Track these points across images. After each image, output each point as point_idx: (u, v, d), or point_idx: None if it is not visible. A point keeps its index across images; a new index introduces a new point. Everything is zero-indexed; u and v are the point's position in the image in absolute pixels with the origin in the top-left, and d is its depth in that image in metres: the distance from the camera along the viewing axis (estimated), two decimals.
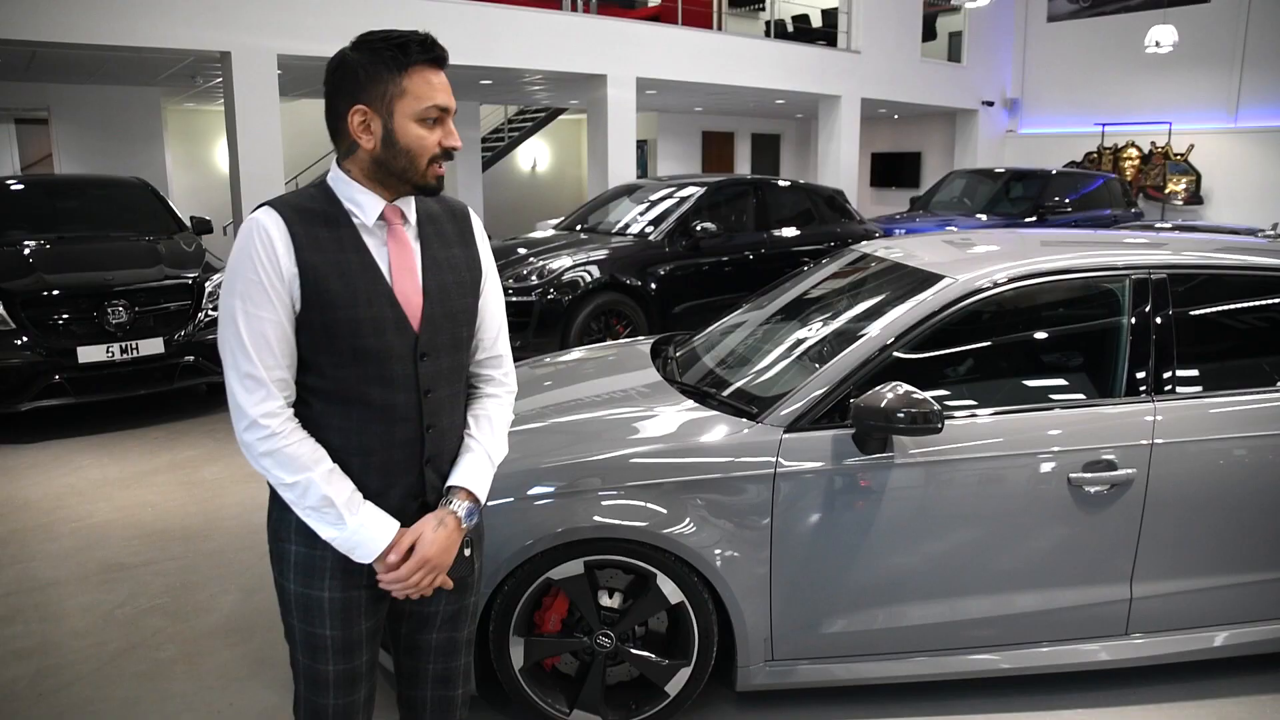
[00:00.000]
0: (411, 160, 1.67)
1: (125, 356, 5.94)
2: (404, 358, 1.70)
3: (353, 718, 1.82)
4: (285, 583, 1.76)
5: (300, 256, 1.63)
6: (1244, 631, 2.99)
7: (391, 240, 1.72)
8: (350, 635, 1.76)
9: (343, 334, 1.65)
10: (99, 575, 3.97)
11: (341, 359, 1.66)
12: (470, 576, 1.86)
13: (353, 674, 1.79)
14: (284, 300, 1.62)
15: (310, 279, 1.63)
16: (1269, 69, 13.88)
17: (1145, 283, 2.97)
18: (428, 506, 1.76)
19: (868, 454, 2.69)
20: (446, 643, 1.89)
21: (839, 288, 3.56)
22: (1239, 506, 2.89)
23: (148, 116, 12.18)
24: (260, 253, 1.61)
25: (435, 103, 1.66)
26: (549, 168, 19.66)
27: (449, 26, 9.08)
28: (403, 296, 1.70)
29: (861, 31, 13.66)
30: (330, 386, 1.67)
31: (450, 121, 1.70)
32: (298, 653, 1.79)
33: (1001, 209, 11.68)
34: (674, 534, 2.64)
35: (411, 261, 1.72)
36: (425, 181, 1.70)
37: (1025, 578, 2.85)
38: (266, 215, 1.65)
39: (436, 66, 1.67)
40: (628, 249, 7.69)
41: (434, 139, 1.67)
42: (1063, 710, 2.95)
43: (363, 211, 1.69)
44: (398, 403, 1.70)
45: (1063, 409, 2.89)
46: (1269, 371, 3.05)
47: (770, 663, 2.81)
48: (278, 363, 1.63)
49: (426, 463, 1.75)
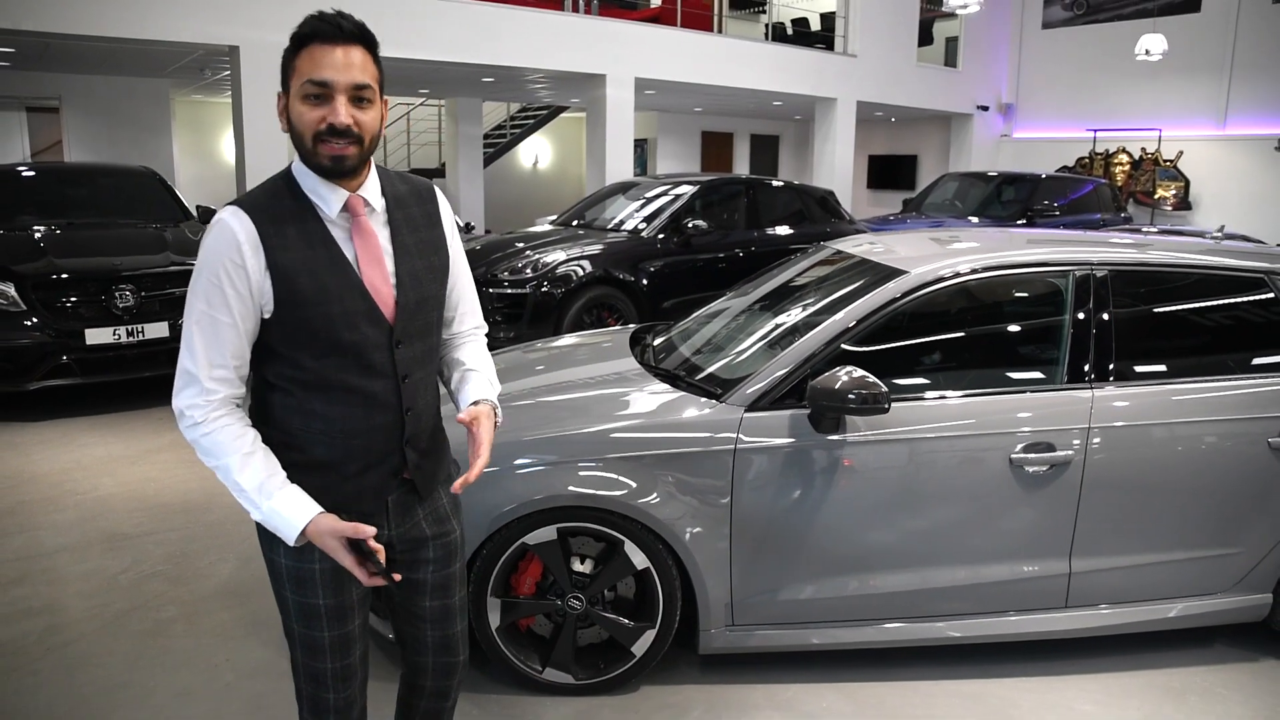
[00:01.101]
0: (301, 141, 1.66)
1: (131, 339, 6.16)
2: (381, 346, 1.74)
3: (350, 680, 1.90)
4: (275, 557, 1.81)
5: (270, 258, 1.65)
6: (1176, 605, 3.19)
7: (356, 232, 1.73)
8: (343, 602, 1.83)
9: (319, 329, 1.68)
10: (103, 543, 4.18)
11: (320, 351, 1.70)
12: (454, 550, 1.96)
13: (347, 638, 1.86)
14: (246, 304, 1.66)
15: (281, 279, 1.66)
16: (1256, 78, 14.09)
17: (1088, 278, 3.18)
18: (408, 483, 1.85)
19: (822, 433, 2.90)
20: (441, 610, 1.98)
21: (809, 281, 3.76)
22: (1171, 488, 3.10)
23: (156, 107, 12.39)
24: (225, 257, 1.64)
25: (310, 77, 1.61)
26: (550, 165, 19.87)
27: (451, 24, 9.28)
28: (372, 287, 1.72)
29: (858, 35, 13.86)
30: (311, 377, 1.72)
31: (339, 98, 1.63)
32: (293, 622, 1.85)
33: (992, 212, 11.88)
34: (642, 504, 2.85)
35: (378, 251, 1.75)
36: (317, 161, 1.66)
37: (969, 552, 3.06)
38: (234, 217, 1.66)
39: (330, 42, 1.63)
40: (621, 244, 7.90)
41: (315, 116, 1.63)
42: (1005, 678, 3.16)
43: (326, 205, 1.71)
44: (377, 389, 1.75)
45: (1006, 394, 3.09)
46: (1201, 362, 3.25)
47: (731, 628, 3.02)
48: (224, 361, 1.67)
49: (406, 443, 1.82)
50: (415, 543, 1.92)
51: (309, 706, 1.93)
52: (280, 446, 1.75)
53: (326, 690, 1.89)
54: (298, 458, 1.76)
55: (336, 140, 1.64)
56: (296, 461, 1.75)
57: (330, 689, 1.89)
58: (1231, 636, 3.41)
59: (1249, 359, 3.27)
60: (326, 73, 1.62)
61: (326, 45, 1.63)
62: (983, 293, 3.34)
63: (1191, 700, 3.06)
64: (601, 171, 11.27)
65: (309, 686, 1.91)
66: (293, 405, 1.75)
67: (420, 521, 1.91)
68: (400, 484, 1.85)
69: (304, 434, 1.76)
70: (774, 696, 3.03)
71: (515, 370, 3.63)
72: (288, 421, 1.76)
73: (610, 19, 11.44)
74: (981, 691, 3.08)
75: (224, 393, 1.69)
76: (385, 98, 1.76)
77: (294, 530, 1.66)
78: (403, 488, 1.86)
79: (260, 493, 1.67)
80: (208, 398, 1.67)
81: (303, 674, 1.90)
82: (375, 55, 1.71)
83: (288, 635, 1.89)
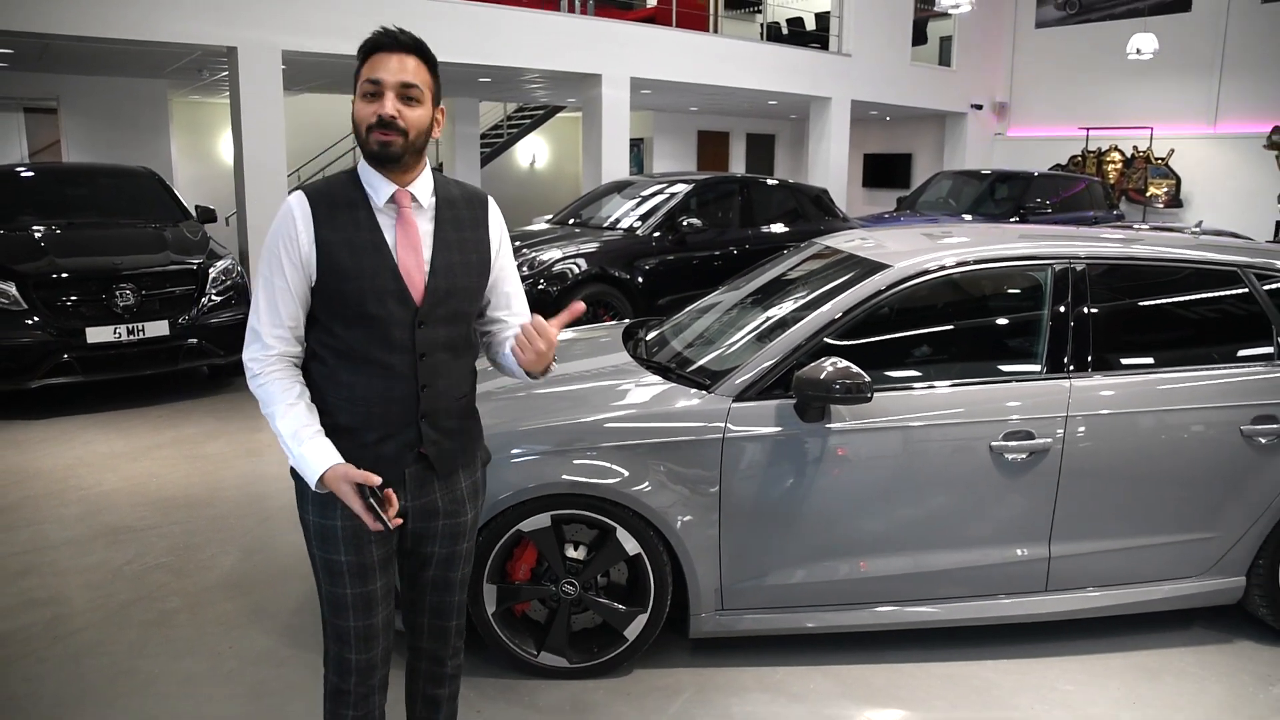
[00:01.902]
0: (358, 131, 1.91)
1: (132, 338, 6.23)
2: (403, 324, 1.93)
3: (372, 642, 2.04)
4: (306, 515, 2.00)
5: (318, 233, 1.89)
6: (1153, 588, 3.28)
7: (399, 220, 1.95)
8: (364, 560, 1.98)
9: (350, 301, 1.90)
10: (107, 537, 4.26)
11: (348, 321, 1.92)
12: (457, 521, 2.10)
13: (369, 598, 2.00)
14: (298, 271, 1.90)
15: (325, 252, 1.89)
16: (1246, 78, 14.20)
17: (1067, 271, 3.27)
18: (425, 459, 2.00)
19: (807, 422, 2.98)
20: (441, 580, 2.15)
21: (797, 276, 3.85)
22: (1147, 475, 3.19)
23: (154, 108, 12.46)
24: (285, 230, 1.90)
25: (369, 76, 1.87)
26: (547, 164, 19.95)
27: (448, 25, 9.36)
28: (405, 271, 1.93)
29: (853, 35, 13.95)
30: (341, 346, 1.93)
31: (388, 94, 1.87)
32: (320, 579, 2.02)
33: (985, 209, 11.98)
34: (634, 492, 2.94)
35: (417, 240, 1.95)
36: (369, 149, 1.90)
37: (951, 537, 3.15)
38: (296, 199, 1.93)
39: (389, 51, 1.88)
40: (616, 243, 7.99)
41: (369, 110, 1.88)
42: (987, 660, 3.25)
43: (376, 194, 1.94)
44: (395, 362, 1.94)
45: (988, 384, 3.18)
46: (1176, 354, 3.34)
47: (720, 612, 3.10)
48: (280, 321, 1.92)
49: (422, 418, 1.98)
50: (429, 516, 2.06)
51: (334, 666, 2.07)
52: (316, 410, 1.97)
53: (349, 649, 2.03)
54: (327, 422, 1.95)
55: (383, 130, 1.87)
56: (326, 425, 1.95)
57: (353, 648, 2.03)
58: (1209, 619, 3.50)
59: (1223, 350, 3.36)
60: (380, 73, 1.87)
61: (384, 53, 1.89)
62: (965, 286, 3.43)
63: (1168, 680, 3.15)
64: (598, 171, 11.35)
65: (334, 645, 2.05)
66: (326, 372, 1.96)
67: (436, 497, 2.06)
68: (417, 458, 2.01)
69: (334, 401, 1.96)
70: (763, 679, 3.12)
71: None
72: (322, 387, 1.97)
73: (606, 19, 11.53)
74: (964, 673, 3.17)
75: (280, 349, 1.93)
76: (441, 106, 1.99)
77: (315, 473, 1.86)
78: (420, 462, 2.01)
79: (294, 439, 1.88)
80: (266, 353, 1.92)
81: (329, 632, 2.05)
82: (430, 65, 1.95)
83: (320, 595, 2.06)
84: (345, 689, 2.06)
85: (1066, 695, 3.05)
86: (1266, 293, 3.41)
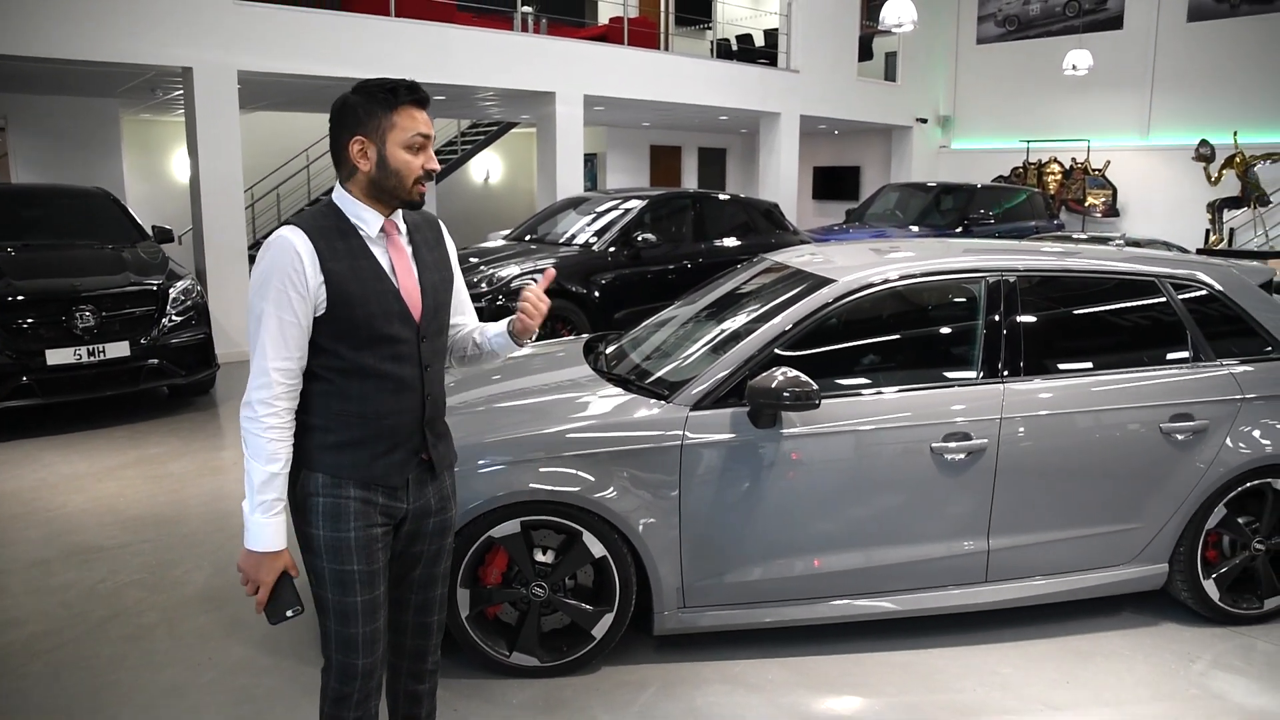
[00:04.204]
0: (400, 180, 2.07)
1: (92, 359, 6.25)
2: (410, 340, 2.11)
3: (376, 644, 2.13)
4: (312, 530, 2.08)
5: (325, 267, 2.01)
6: (1084, 577, 3.52)
7: (391, 248, 2.12)
8: (373, 567, 2.10)
9: (361, 325, 2.05)
10: (78, 556, 4.32)
11: (361, 344, 2.06)
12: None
13: (374, 603, 2.11)
14: (306, 306, 2.01)
15: (334, 285, 2.02)
16: (1176, 92, 14.83)
17: (1000, 283, 3.51)
18: (426, 463, 2.18)
19: (760, 428, 3.18)
20: (427, 578, 2.29)
21: (749, 291, 4.05)
22: (1076, 471, 3.43)
23: (105, 127, 12.35)
24: (288, 266, 1.99)
25: (419, 131, 2.07)
26: (501, 180, 20.04)
27: (404, 45, 9.47)
28: (405, 293, 2.11)
29: (801, 52, 14.28)
30: (351, 365, 2.06)
31: (430, 148, 2.10)
32: (327, 592, 2.09)
33: (931, 220, 12.36)
34: (598, 498, 3.10)
35: (408, 264, 2.14)
36: (411, 198, 2.10)
37: (897, 533, 3.36)
38: (295, 234, 2.02)
39: (420, 105, 2.08)
40: (573, 258, 8.16)
41: (418, 162, 2.07)
42: (933, 648, 3.46)
43: (367, 225, 2.09)
44: (406, 375, 2.11)
45: (928, 389, 3.40)
46: (1102, 358, 3.59)
47: (682, 610, 3.28)
48: (289, 355, 2.01)
49: (425, 424, 2.17)
50: (423, 516, 2.22)
51: (338, 675, 2.14)
52: (320, 430, 2.08)
53: (356, 655, 2.11)
54: (334, 439, 2.07)
55: (425, 182, 2.11)
56: (334, 443, 2.07)
57: (360, 654, 2.11)
58: (1136, 604, 3.76)
59: (1144, 354, 3.62)
60: (426, 128, 2.08)
61: (420, 107, 2.08)
62: (906, 298, 3.66)
63: (1099, 661, 3.39)
64: (553, 186, 11.51)
65: (340, 654, 2.12)
66: (333, 391, 2.07)
67: (429, 498, 2.22)
68: (419, 463, 2.18)
69: (341, 418, 2.07)
70: (724, 671, 3.30)
71: (473, 380, 3.86)
72: (328, 406, 2.07)
73: (559, 38, 11.71)
74: (911, 660, 3.38)
75: (287, 384, 2.02)
76: None
77: (266, 546, 2.01)
78: (421, 467, 2.19)
79: (264, 507, 2.01)
80: (273, 394, 2.00)
81: (334, 642, 2.12)
82: None
83: (319, 606, 2.13)
84: (349, 692, 2.14)
85: (1006, 678, 3.28)
86: (1182, 301, 3.68)
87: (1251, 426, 3.54)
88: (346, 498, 2.08)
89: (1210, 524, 3.55)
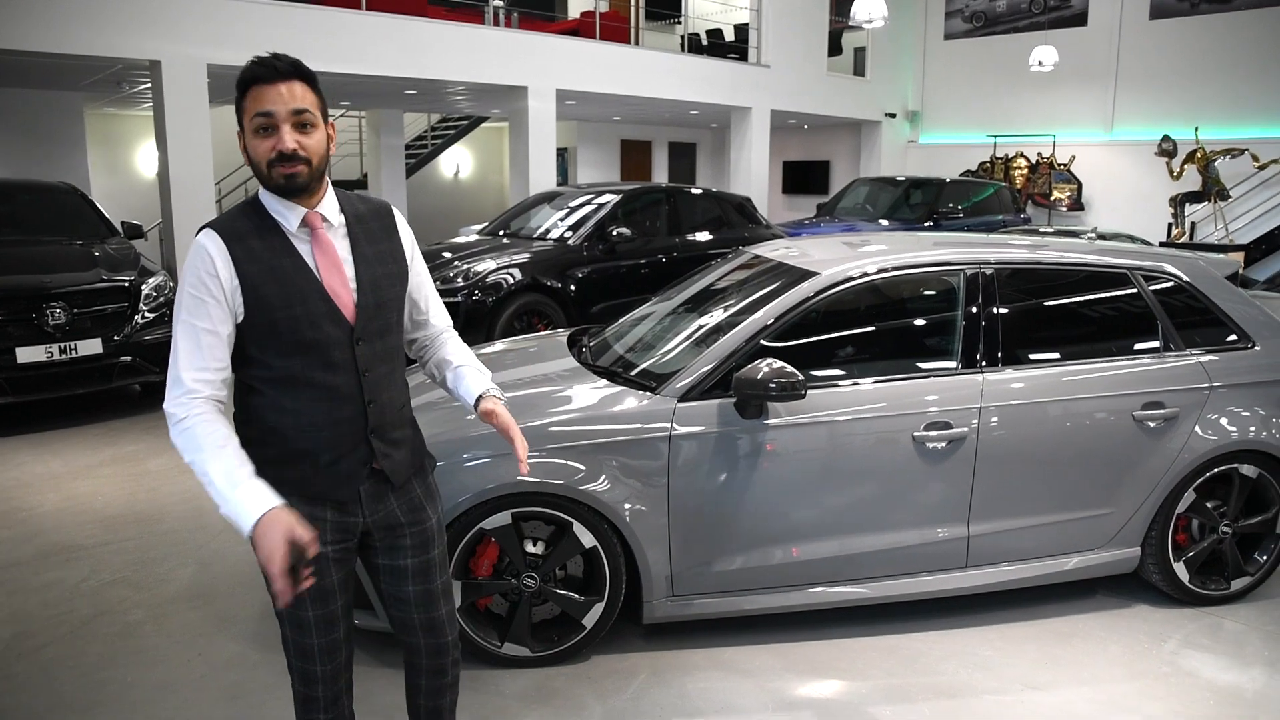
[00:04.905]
0: (257, 168, 1.89)
1: (64, 357, 6.18)
2: (342, 344, 1.94)
3: (335, 653, 2.09)
4: None
5: (239, 269, 1.87)
6: (1061, 561, 3.62)
7: (315, 243, 1.95)
8: (324, 585, 2.00)
9: (284, 330, 1.89)
10: (59, 556, 4.28)
11: (285, 350, 1.90)
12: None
13: (330, 617, 2.04)
14: (222, 311, 1.87)
15: (250, 287, 1.88)
16: (1139, 88, 15.11)
17: (977, 276, 3.59)
18: (379, 473, 2.03)
19: (746, 418, 3.23)
20: (424, 594, 2.16)
21: (731, 283, 4.10)
22: (1053, 458, 3.53)
23: (70, 121, 12.16)
24: (202, 271, 1.87)
25: (257, 111, 1.84)
26: (472, 174, 19.97)
27: (376, 39, 9.42)
28: (332, 291, 1.93)
29: (771, 47, 14.37)
30: (277, 375, 1.92)
31: (284, 127, 1.85)
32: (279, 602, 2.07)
33: (901, 214, 12.49)
34: (588, 488, 3.14)
35: (337, 260, 1.96)
36: (274, 183, 1.89)
37: (880, 521, 3.43)
38: (207, 237, 1.89)
39: (269, 81, 1.84)
40: (548, 253, 8.17)
41: (266, 145, 1.86)
42: (916, 632, 3.54)
43: (286, 220, 1.93)
44: (339, 383, 1.95)
45: (909, 379, 3.47)
46: (1077, 348, 3.69)
47: (671, 598, 3.33)
48: (205, 364, 1.86)
49: (371, 433, 2.00)
50: (391, 530, 2.11)
51: (299, 677, 2.12)
52: (258, 443, 1.94)
53: (314, 664, 2.09)
54: (273, 453, 1.94)
55: (286, 163, 1.87)
56: (273, 456, 1.93)
57: (318, 661, 2.08)
58: (1110, 586, 3.87)
59: (1116, 344, 3.72)
60: (268, 105, 1.85)
61: (265, 84, 1.86)
62: (887, 290, 3.73)
63: (1076, 643, 3.49)
64: (525, 181, 11.50)
65: (298, 660, 2.10)
66: (266, 403, 1.95)
67: (394, 509, 2.10)
68: (371, 473, 2.04)
69: (278, 429, 1.94)
70: (713, 658, 3.35)
71: None
72: (263, 419, 1.96)
73: (531, 32, 11.70)
74: (896, 644, 3.46)
75: (206, 393, 1.87)
76: (331, 121, 1.98)
77: (253, 516, 1.75)
78: (374, 477, 2.05)
79: (228, 481, 1.78)
80: (190, 397, 1.85)
81: (292, 650, 2.09)
82: (313, 84, 1.92)
83: (277, 615, 2.07)
84: (314, 695, 2.12)
85: (987, 660, 3.36)
86: (1153, 292, 3.79)
87: (1219, 414, 3.65)
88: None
89: (1180, 508, 3.66)
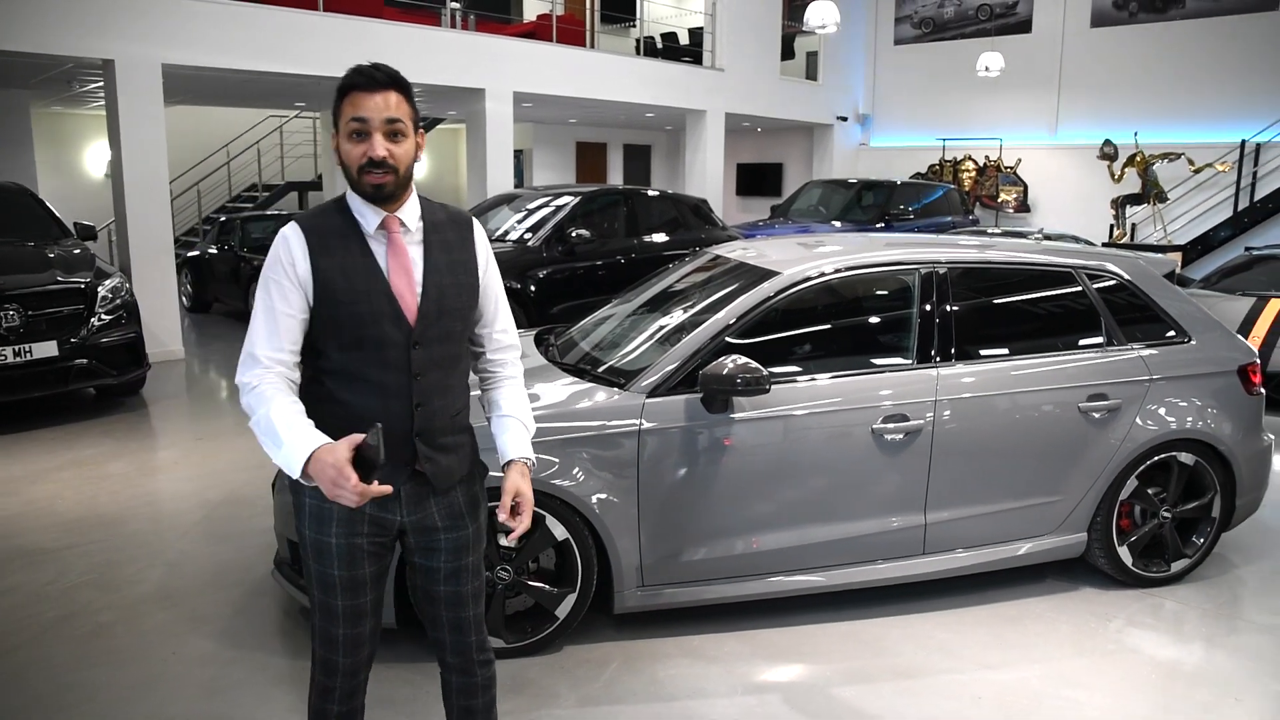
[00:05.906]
0: (348, 172, 1.99)
1: (18, 359, 6.10)
2: (399, 345, 2.01)
3: (360, 646, 2.13)
4: (303, 529, 2.08)
5: (314, 261, 1.99)
6: (1012, 546, 3.79)
7: (390, 246, 2.04)
8: (355, 574, 2.07)
9: (346, 324, 1.98)
10: (21, 559, 4.25)
11: (345, 344, 2.00)
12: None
13: (358, 609, 2.09)
14: (298, 296, 1.98)
15: (321, 279, 1.98)
16: (1081, 92, 15.56)
17: (931, 275, 3.74)
18: (420, 475, 2.07)
19: (713, 413, 3.34)
20: (453, 595, 2.19)
21: (693, 283, 4.21)
22: (1004, 448, 3.69)
23: (15, 120, 11.89)
24: (282, 258, 1.99)
25: (354, 116, 1.94)
26: (427, 176, 19.88)
27: (332, 40, 9.38)
28: (397, 293, 2.01)
29: (725, 50, 14.54)
30: (337, 367, 2.02)
31: (376, 135, 1.94)
32: (313, 589, 2.10)
33: (853, 216, 12.73)
34: (560, 483, 3.23)
35: (408, 264, 2.04)
36: (362, 189, 1.99)
37: (841, 511, 3.56)
38: (291, 229, 2.02)
39: (368, 90, 1.94)
40: (508, 254, 8.23)
41: (359, 151, 1.95)
42: (876, 618, 3.68)
43: (366, 221, 2.03)
44: (390, 382, 2.02)
45: (868, 374, 3.61)
46: (1026, 343, 3.86)
47: (641, 588, 3.43)
48: (280, 345, 1.98)
49: (416, 435, 2.06)
50: (428, 532, 2.14)
51: (320, 666, 2.16)
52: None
53: (337, 653, 2.13)
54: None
55: (375, 170, 1.97)
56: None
57: (340, 652, 2.13)
58: (1059, 571, 4.05)
59: (1062, 339, 3.90)
60: (363, 111, 1.95)
61: (363, 92, 1.95)
62: (845, 289, 3.87)
63: (1027, 624, 3.65)
64: (483, 182, 11.52)
65: (322, 649, 2.14)
66: (323, 394, 2.05)
67: (433, 513, 2.13)
68: (413, 475, 2.09)
69: (330, 420, 1.97)
70: (682, 646, 3.46)
71: None
72: (318, 410, 2.00)
73: (488, 34, 11.72)
74: (857, 630, 3.59)
75: (278, 369, 1.98)
76: (422, 129, 2.08)
77: (305, 451, 1.84)
78: (415, 479, 2.09)
79: (286, 424, 1.89)
80: (264, 370, 1.96)
81: (318, 636, 2.14)
82: (408, 95, 2.01)
83: (311, 600, 2.14)
84: (332, 686, 2.16)
85: (944, 642, 3.51)
86: (1096, 290, 3.97)
87: (1158, 405, 3.84)
88: (331, 504, 2.02)
89: (1123, 495, 3.85)
